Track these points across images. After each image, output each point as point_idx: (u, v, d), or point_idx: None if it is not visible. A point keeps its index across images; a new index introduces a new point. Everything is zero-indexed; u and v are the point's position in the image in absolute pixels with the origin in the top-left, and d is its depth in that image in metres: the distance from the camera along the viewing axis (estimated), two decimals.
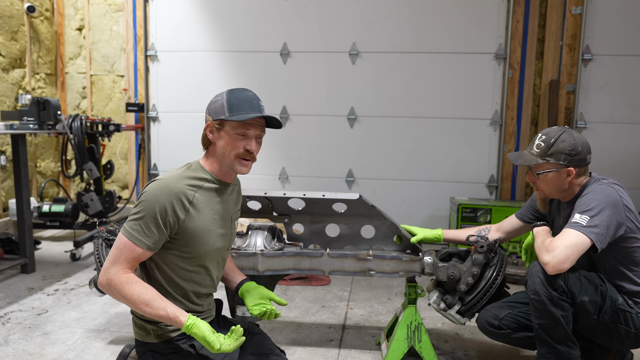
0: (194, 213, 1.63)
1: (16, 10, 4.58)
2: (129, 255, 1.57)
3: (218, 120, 1.66)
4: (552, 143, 2.00)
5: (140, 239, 1.57)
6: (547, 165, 2.02)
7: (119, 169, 5.21)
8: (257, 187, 4.73)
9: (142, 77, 4.93)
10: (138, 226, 1.57)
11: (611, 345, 2.07)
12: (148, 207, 1.57)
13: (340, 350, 2.59)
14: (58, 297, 3.24)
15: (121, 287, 1.55)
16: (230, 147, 1.67)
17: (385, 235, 2.44)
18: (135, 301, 1.54)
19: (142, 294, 1.54)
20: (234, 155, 1.68)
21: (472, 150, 4.54)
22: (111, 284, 1.56)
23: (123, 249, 1.58)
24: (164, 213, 1.57)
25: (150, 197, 1.58)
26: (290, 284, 3.57)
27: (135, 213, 1.59)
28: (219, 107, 1.67)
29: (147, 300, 1.54)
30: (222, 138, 1.67)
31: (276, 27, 4.64)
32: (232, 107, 1.65)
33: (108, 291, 1.59)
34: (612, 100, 4.33)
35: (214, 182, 1.70)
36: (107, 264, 1.59)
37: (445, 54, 4.47)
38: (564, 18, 4.30)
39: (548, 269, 1.85)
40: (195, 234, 1.64)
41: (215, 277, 1.79)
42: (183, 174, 1.66)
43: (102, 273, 1.59)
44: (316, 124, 4.70)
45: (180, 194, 1.60)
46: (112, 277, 1.56)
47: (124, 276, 1.56)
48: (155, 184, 1.61)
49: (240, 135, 1.67)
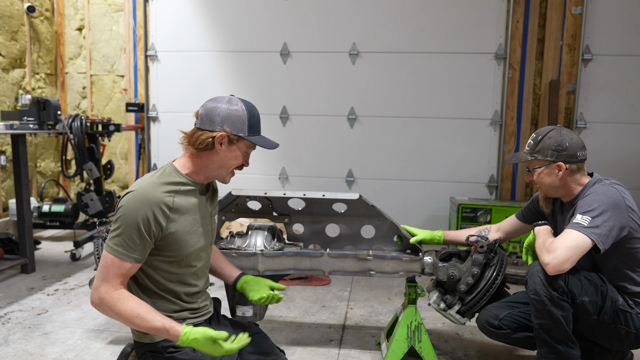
0: (175, 218, 1.63)
1: (16, 10, 4.58)
2: (117, 271, 1.56)
3: (237, 136, 1.66)
4: (539, 140, 2.05)
5: (127, 254, 1.56)
6: (536, 161, 2.06)
7: (119, 169, 5.21)
8: (257, 187, 4.73)
9: (142, 77, 4.93)
10: (122, 241, 1.55)
11: (611, 346, 2.07)
12: (129, 221, 1.55)
13: (340, 350, 2.59)
14: (58, 297, 3.24)
15: (114, 305, 1.54)
16: (234, 162, 1.69)
17: (385, 235, 2.44)
18: (129, 317, 1.54)
19: (134, 309, 1.54)
20: (232, 169, 1.71)
21: (472, 150, 4.54)
22: (103, 302, 1.55)
23: (111, 266, 1.55)
24: (146, 224, 1.56)
25: (130, 210, 1.55)
26: (290, 284, 3.57)
27: (116, 228, 1.56)
28: (240, 123, 1.66)
29: (140, 314, 1.54)
30: (231, 152, 1.68)
31: (276, 27, 4.64)
32: (251, 127, 1.68)
33: (100, 310, 1.57)
34: (612, 100, 4.33)
35: (190, 184, 1.70)
36: (97, 282, 1.57)
37: (445, 54, 4.47)
38: (564, 18, 4.30)
39: (548, 269, 1.85)
40: (179, 238, 1.64)
41: (203, 274, 1.81)
42: (159, 181, 1.64)
43: (93, 292, 1.57)
44: (316, 124, 4.70)
45: (159, 203, 1.58)
46: (103, 295, 1.55)
47: (115, 293, 1.55)
48: (132, 195, 1.57)
49: (247, 154, 1.72)
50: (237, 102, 1.68)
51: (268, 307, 2.56)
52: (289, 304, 3.22)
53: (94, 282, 1.58)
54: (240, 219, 3.31)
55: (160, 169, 1.71)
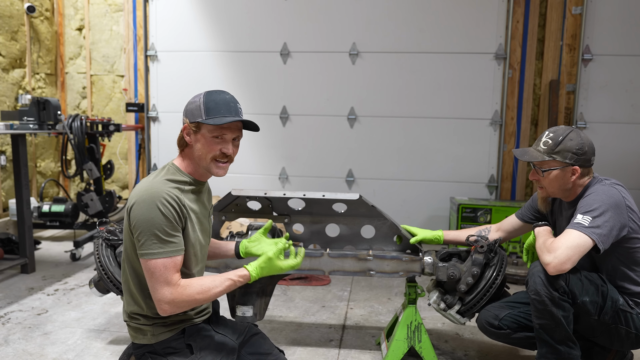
0: (186, 214, 1.63)
1: (16, 10, 4.58)
2: (174, 269, 1.56)
3: (195, 122, 1.65)
4: (560, 141, 2.00)
5: (173, 249, 1.56)
6: (553, 162, 2.01)
7: (119, 169, 5.21)
8: (257, 187, 4.73)
9: (142, 77, 4.93)
10: (161, 242, 1.54)
11: (611, 346, 2.07)
12: (153, 219, 1.54)
13: (340, 350, 2.59)
14: (58, 297, 3.24)
15: (188, 297, 1.57)
16: (207, 150, 1.66)
17: (385, 235, 2.44)
18: (203, 298, 1.59)
19: (202, 286, 1.59)
20: (210, 158, 1.68)
21: (472, 150, 4.54)
22: (175, 302, 1.55)
23: (167, 269, 1.54)
24: (170, 214, 1.56)
25: (147, 211, 1.54)
26: (290, 284, 3.56)
27: (145, 234, 1.54)
28: (196, 110, 1.65)
29: (208, 288, 1.59)
30: (198, 141, 1.66)
31: (276, 27, 4.64)
32: (208, 110, 1.64)
33: (178, 309, 1.58)
34: (612, 100, 4.33)
35: (192, 183, 1.70)
36: (161, 292, 1.54)
37: (445, 54, 4.47)
38: (564, 18, 4.29)
39: (549, 269, 1.85)
40: (188, 235, 1.65)
41: (202, 273, 1.82)
42: (165, 178, 1.64)
43: (160, 304, 1.55)
44: (316, 124, 4.70)
45: (172, 195, 1.59)
46: (175, 297, 1.55)
47: (180, 288, 1.56)
48: (145, 198, 1.56)
49: (217, 139, 1.66)
50: (201, 94, 1.69)
51: (268, 307, 2.56)
52: (289, 304, 3.22)
53: (155, 295, 1.55)
54: (240, 219, 3.31)
55: (162, 168, 1.71)
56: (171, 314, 1.59)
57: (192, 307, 1.66)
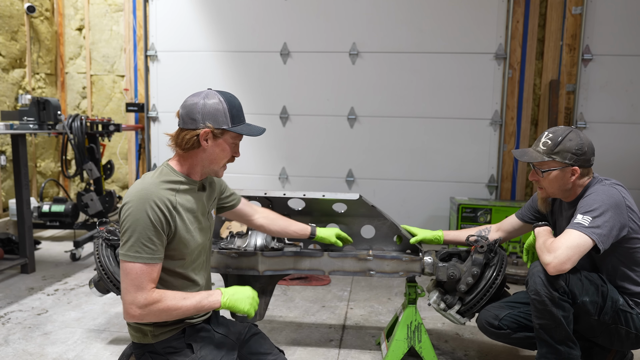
0: (178, 216, 1.63)
1: (16, 10, 4.58)
2: (148, 277, 1.55)
3: (220, 129, 1.65)
4: (560, 141, 1.99)
5: (151, 257, 1.55)
6: (552, 163, 2.01)
7: (119, 169, 5.21)
8: (257, 187, 4.73)
9: (142, 77, 4.93)
10: (141, 246, 1.54)
11: (611, 346, 2.07)
12: (140, 223, 1.54)
13: (340, 350, 2.59)
14: (58, 297, 3.24)
15: (158, 309, 1.56)
16: (224, 155, 1.68)
17: (385, 236, 2.44)
18: (172, 315, 1.59)
19: (175, 302, 1.58)
20: (223, 163, 1.70)
21: (472, 150, 4.54)
22: (147, 310, 1.55)
23: (141, 274, 1.54)
24: (157, 219, 1.55)
25: (137, 212, 1.54)
26: (290, 284, 3.56)
27: (130, 236, 1.54)
28: (221, 116, 1.64)
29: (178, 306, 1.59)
30: (218, 146, 1.66)
31: (276, 27, 4.64)
32: (233, 117, 1.65)
33: (146, 318, 1.57)
34: (612, 100, 4.33)
35: (188, 182, 1.70)
36: (131, 295, 1.54)
37: (446, 54, 4.47)
38: (564, 18, 4.30)
39: (549, 269, 1.85)
40: (182, 236, 1.64)
41: (204, 272, 1.81)
42: (158, 180, 1.63)
43: (129, 307, 1.54)
44: (316, 124, 4.70)
45: (163, 199, 1.58)
46: (144, 303, 1.54)
47: (156, 295, 1.56)
48: (136, 199, 1.56)
49: (235, 145, 1.70)
50: (215, 95, 1.66)
51: (268, 307, 2.56)
52: (289, 304, 3.22)
53: (127, 297, 1.54)
54: None
55: (157, 169, 1.70)
56: (138, 321, 1.58)
57: (156, 323, 1.64)
